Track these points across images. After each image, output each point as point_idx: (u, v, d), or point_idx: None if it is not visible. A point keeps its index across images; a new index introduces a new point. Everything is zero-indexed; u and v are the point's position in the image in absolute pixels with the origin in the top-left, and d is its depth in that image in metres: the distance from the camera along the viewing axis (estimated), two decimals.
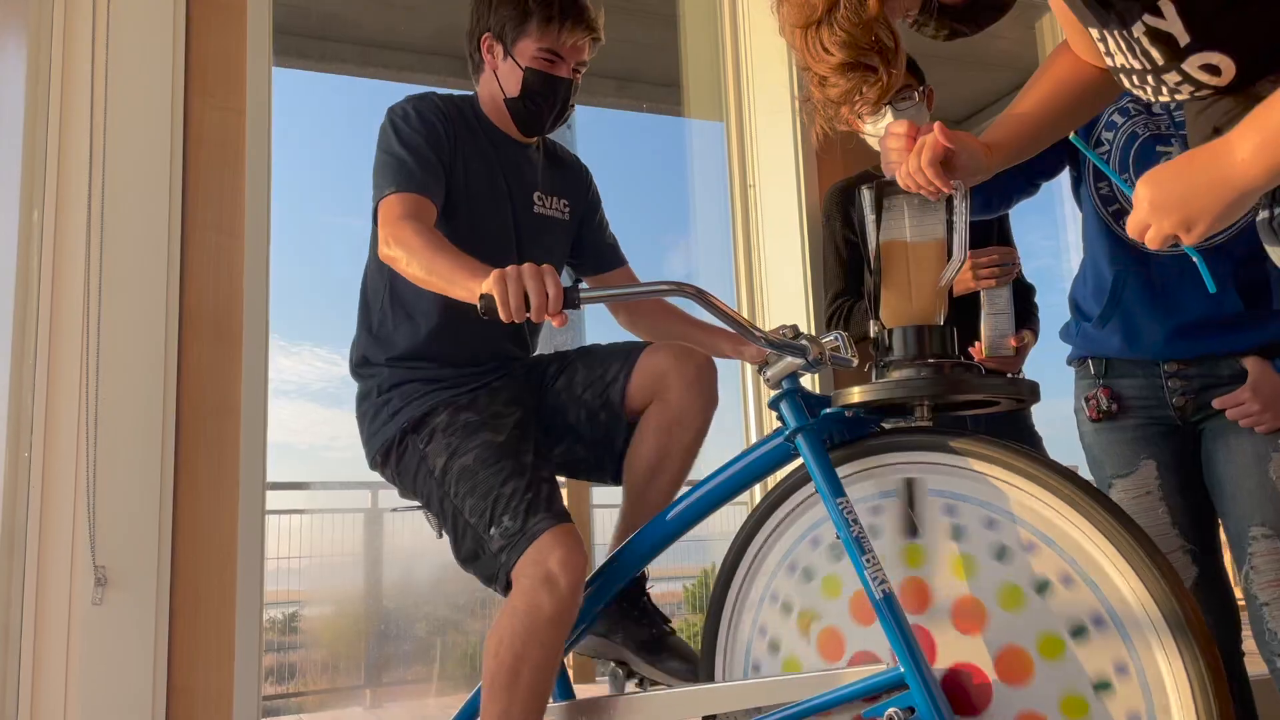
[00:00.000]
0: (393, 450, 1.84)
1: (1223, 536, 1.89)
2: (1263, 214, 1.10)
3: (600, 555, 1.82)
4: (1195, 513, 1.87)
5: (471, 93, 2.02)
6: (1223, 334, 1.82)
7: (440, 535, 1.87)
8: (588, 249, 2.14)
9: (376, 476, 1.93)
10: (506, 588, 1.66)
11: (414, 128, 1.85)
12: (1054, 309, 2.58)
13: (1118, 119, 1.93)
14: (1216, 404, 1.81)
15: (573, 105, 1.98)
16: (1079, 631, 1.35)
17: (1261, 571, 1.74)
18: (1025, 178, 2.05)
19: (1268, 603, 1.73)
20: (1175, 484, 1.87)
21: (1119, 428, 1.91)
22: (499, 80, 1.95)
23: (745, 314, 2.95)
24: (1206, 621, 1.77)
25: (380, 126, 1.89)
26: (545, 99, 1.92)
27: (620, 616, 1.81)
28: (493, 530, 1.67)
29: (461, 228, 1.86)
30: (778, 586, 1.65)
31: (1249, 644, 1.83)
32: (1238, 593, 1.87)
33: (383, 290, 1.91)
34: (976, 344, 2.19)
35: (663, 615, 1.83)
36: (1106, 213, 1.94)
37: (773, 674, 1.63)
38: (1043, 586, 1.39)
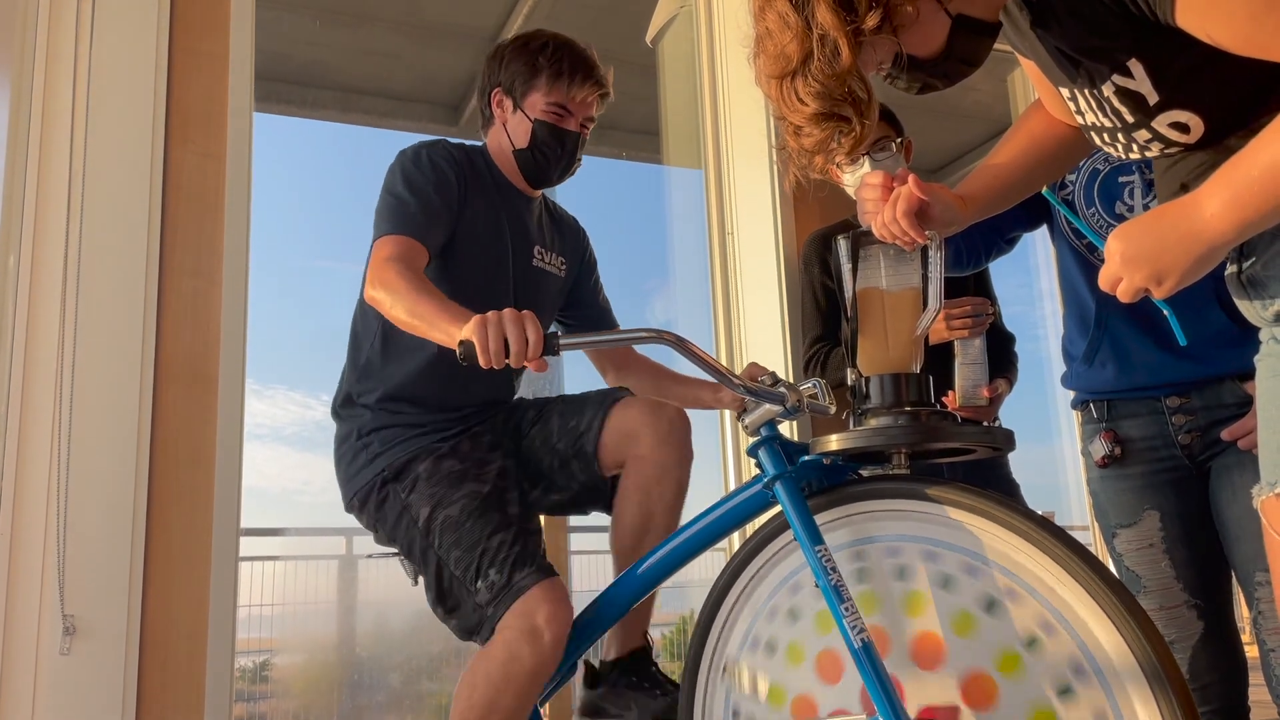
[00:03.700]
0: (371, 496, 1.83)
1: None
2: (1230, 268, 1.12)
3: (579, 602, 1.80)
4: (1201, 563, 1.81)
5: (480, 144, 2.05)
6: (1216, 351, 1.78)
7: (416, 582, 1.85)
8: (581, 309, 2.16)
9: (352, 522, 1.92)
10: (489, 639, 1.65)
11: (423, 172, 1.86)
12: (1029, 355, 2.60)
13: None
14: (1225, 435, 1.76)
15: (579, 160, 2.01)
16: (1065, 691, 1.35)
17: (1269, 617, 1.70)
18: (999, 234, 2.07)
19: (1274, 649, 1.70)
20: (1179, 535, 1.82)
21: (1124, 475, 1.87)
22: (508, 133, 1.98)
23: (724, 360, 2.97)
24: (1212, 679, 1.77)
25: (389, 167, 1.90)
26: (553, 150, 1.95)
27: (631, 690, 1.79)
28: (479, 584, 1.66)
29: (462, 273, 1.87)
30: (758, 632, 1.64)
31: (1260, 693, 1.79)
32: (1246, 637, 1.83)
33: (375, 329, 1.91)
34: (950, 393, 2.21)
35: (674, 683, 1.80)
36: (1080, 245, 1.96)
37: (754, 716, 1.62)
38: (1031, 641, 1.39)
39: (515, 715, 1.60)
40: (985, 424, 2.21)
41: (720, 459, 2.94)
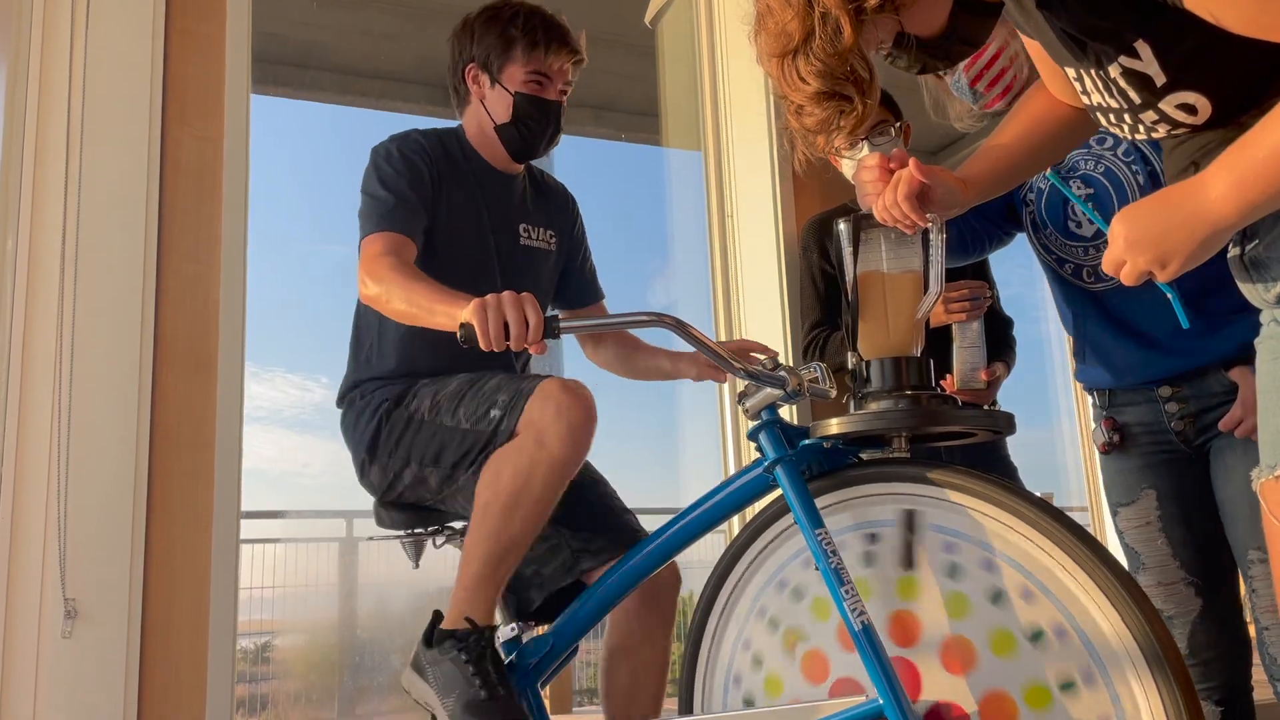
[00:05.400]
0: (380, 434, 1.83)
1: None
2: (1234, 250, 1.11)
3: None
4: (1200, 542, 1.83)
5: (457, 124, 2.03)
6: (1193, 344, 1.80)
7: (417, 565, 1.85)
8: (569, 282, 2.14)
9: (352, 505, 1.93)
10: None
11: (395, 167, 1.86)
12: (1027, 337, 2.60)
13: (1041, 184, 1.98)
14: (1222, 426, 1.77)
15: (561, 129, 1.99)
16: (1068, 684, 1.36)
17: (1262, 595, 1.72)
18: (996, 224, 2.08)
19: (1268, 627, 1.72)
20: (1177, 514, 1.85)
21: (1125, 458, 1.91)
22: (487, 109, 1.96)
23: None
24: (1211, 655, 1.79)
25: (365, 168, 1.90)
26: (537, 122, 1.94)
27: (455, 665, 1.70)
28: (493, 412, 1.67)
29: (445, 263, 1.86)
30: (761, 609, 1.65)
31: (1260, 672, 1.80)
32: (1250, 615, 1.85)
33: (375, 326, 1.91)
34: (948, 377, 2.21)
35: (505, 679, 1.64)
36: (1050, 259, 1.98)
37: (753, 698, 1.62)
38: (1035, 634, 1.39)
39: (543, 501, 1.60)
40: (985, 407, 2.21)
41: (720, 443, 2.95)
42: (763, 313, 2.93)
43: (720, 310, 3.03)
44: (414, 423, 1.78)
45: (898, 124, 2.26)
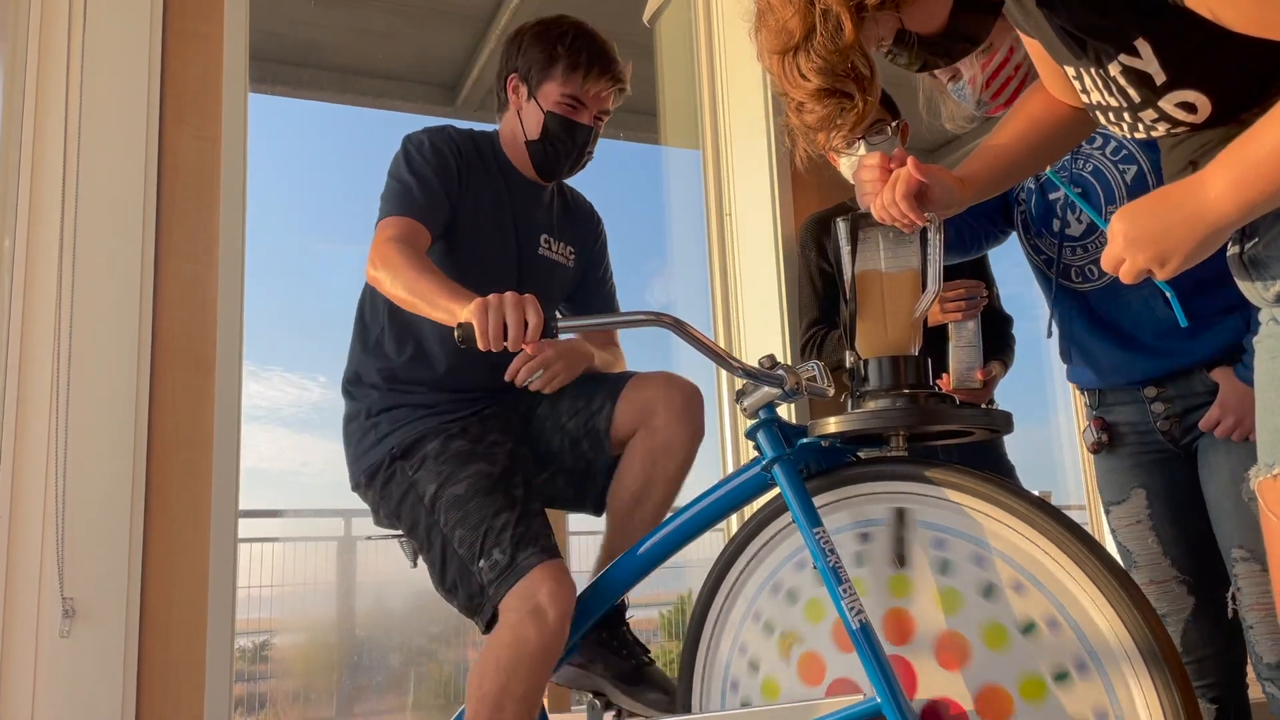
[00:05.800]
0: (379, 473, 1.83)
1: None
2: (1233, 249, 1.11)
3: (579, 584, 1.81)
4: (1191, 540, 1.84)
5: (494, 128, 2.04)
6: (1174, 345, 1.81)
7: (415, 564, 1.85)
8: (583, 298, 2.14)
9: (350, 503, 1.92)
10: (490, 621, 1.65)
11: (425, 157, 1.87)
12: (1026, 334, 2.60)
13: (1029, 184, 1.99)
14: (1203, 425, 1.79)
15: (591, 153, 1.99)
16: (1062, 675, 1.36)
17: (1246, 594, 1.73)
18: (991, 222, 2.09)
19: (1253, 625, 1.72)
20: (1166, 513, 1.86)
21: (1115, 457, 1.92)
22: (521, 121, 1.97)
23: (721, 342, 2.96)
24: (1206, 653, 1.80)
25: (394, 155, 1.90)
26: (564, 144, 1.94)
27: (599, 646, 1.80)
28: (481, 563, 1.66)
29: (465, 262, 1.87)
30: (757, 612, 1.65)
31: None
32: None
33: (383, 314, 1.91)
34: (945, 376, 2.21)
35: (642, 646, 1.82)
36: (1039, 260, 1.99)
37: (750, 700, 1.62)
38: (1027, 628, 1.39)
39: (529, 698, 1.60)
40: (983, 406, 2.21)
41: (719, 441, 2.94)
42: (761, 311, 2.93)
43: (719, 309, 3.03)
44: (413, 495, 1.78)
45: (895, 123, 2.26)
